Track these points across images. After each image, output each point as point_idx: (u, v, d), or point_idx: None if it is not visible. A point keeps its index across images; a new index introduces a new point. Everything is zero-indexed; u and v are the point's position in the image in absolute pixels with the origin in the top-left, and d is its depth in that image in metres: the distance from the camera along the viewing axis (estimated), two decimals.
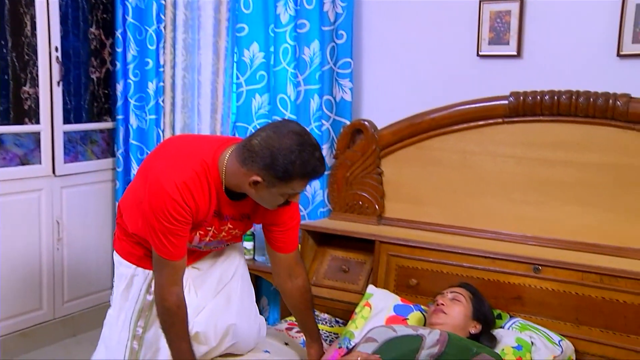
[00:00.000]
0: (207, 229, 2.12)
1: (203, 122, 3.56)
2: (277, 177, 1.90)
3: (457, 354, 2.03)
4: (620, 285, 2.32)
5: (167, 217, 1.98)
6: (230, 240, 2.27)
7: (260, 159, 1.90)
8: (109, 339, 2.32)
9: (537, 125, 2.63)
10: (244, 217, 2.18)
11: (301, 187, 1.97)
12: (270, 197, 1.99)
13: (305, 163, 1.89)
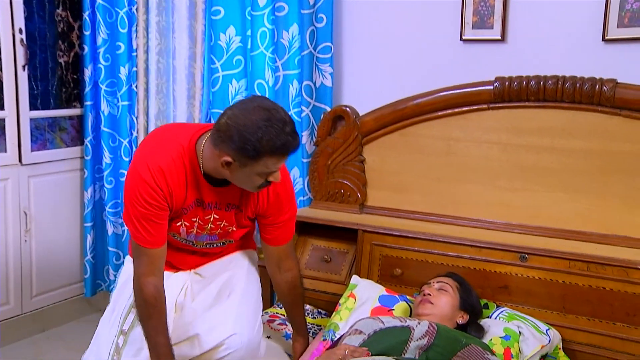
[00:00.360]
0: (192, 220, 2.10)
1: (179, 108, 3.48)
2: (247, 156, 1.86)
3: (446, 346, 2.01)
4: (607, 273, 2.33)
5: (140, 201, 1.98)
6: (226, 236, 2.21)
7: (227, 138, 1.86)
8: (101, 335, 2.26)
9: (522, 111, 2.61)
10: (231, 207, 2.14)
11: (274, 164, 1.92)
12: (246, 178, 1.95)
13: (274, 139, 1.84)
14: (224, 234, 2.20)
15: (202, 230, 2.14)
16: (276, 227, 2.23)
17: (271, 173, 1.95)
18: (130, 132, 3.58)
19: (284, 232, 2.25)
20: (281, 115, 1.88)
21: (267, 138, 1.83)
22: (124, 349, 2.17)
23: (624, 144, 2.45)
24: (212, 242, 2.23)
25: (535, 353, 2.22)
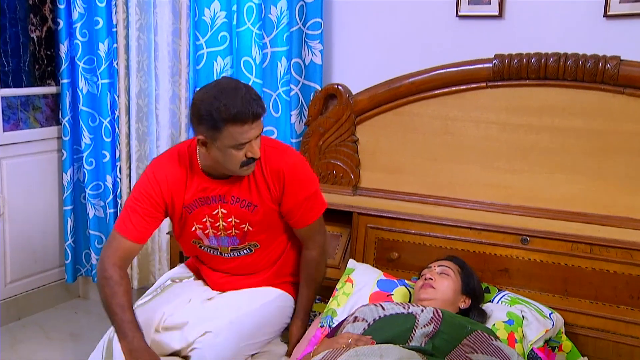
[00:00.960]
0: (202, 220, 2.20)
1: (161, 86, 3.37)
2: (211, 128, 1.99)
3: (452, 332, 1.97)
4: (610, 255, 2.31)
5: (137, 191, 2.18)
6: (246, 238, 2.26)
7: (194, 116, 2.04)
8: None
9: (522, 89, 2.57)
10: (237, 200, 2.18)
11: (240, 134, 1.99)
12: (223, 155, 2.05)
13: (227, 106, 1.95)
14: (243, 236, 2.24)
15: (217, 231, 2.22)
16: (295, 210, 2.26)
17: (243, 145, 2.02)
18: (111, 111, 3.47)
19: (303, 213, 2.27)
20: (234, 85, 2.02)
21: (223, 107, 1.95)
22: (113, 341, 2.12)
23: (627, 124, 2.43)
24: (237, 248, 2.28)
25: (539, 338, 2.20)
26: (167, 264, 3.48)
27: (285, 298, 2.41)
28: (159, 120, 3.40)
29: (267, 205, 2.21)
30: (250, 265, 2.34)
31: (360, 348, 1.86)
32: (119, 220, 2.17)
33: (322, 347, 2.01)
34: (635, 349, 2.29)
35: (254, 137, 2.04)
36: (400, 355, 1.81)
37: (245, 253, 2.30)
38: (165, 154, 2.28)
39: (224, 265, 2.34)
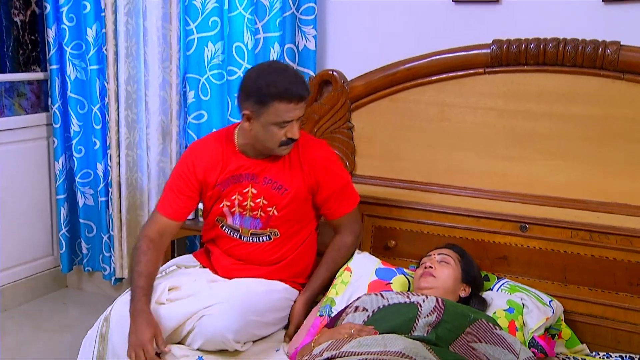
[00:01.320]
0: (231, 198, 2.30)
1: (151, 73, 3.32)
2: (257, 103, 2.13)
3: (454, 321, 1.97)
4: (610, 242, 2.32)
5: (173, 170, 2.39)
6: (269, 223, 2.32)
7: (242, 92, 2.19)
8: None
9: (520, 75, 2.55)
10: (269, 182, 2.28)
11: (285, 112, 2.13)
12: (265, 131, 2.17)
13: (277, 82, 2.11)
14: (267, 220, 2.31)
15: (243, 210, 2.30)
16: (332, 199, 2.37)
17: (286, 123, 2.15)
18: (101, 98, 3.42)
19: (340, 203, 2.39)
20: (284, 66, 2.26)
21: (272, 83, 2.10)
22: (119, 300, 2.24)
23: (626, 110, 2.42)
24: (257, 233, 2.34)
25: (540, 325, 2.21)
26: None
27: (292, 292, 2.41)
28: (149, 107, 3.36)
29: (297, 191, 2.30)
30: (265, 254, 2.37)
31: (363, 338, 1.86)
32: (159, 202, 2.37)
33: (324, 338, 2.00)
34: (633, 335, 2.31)
35: (296, 117, 2.17)
36: (405, 345, 1.80)
37: (264, 240, 2.35)
38: (202, 138, 2.50)
39: (240, 250, 2.37)
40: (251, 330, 2.23)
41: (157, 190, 3.40)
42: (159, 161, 3.39)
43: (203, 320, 2.16)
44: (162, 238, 2.31)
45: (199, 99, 3.29)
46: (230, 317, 2.14)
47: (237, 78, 3.12)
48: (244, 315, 2.18)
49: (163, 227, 2.32)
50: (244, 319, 2.18)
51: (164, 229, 2.32)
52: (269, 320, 2.31)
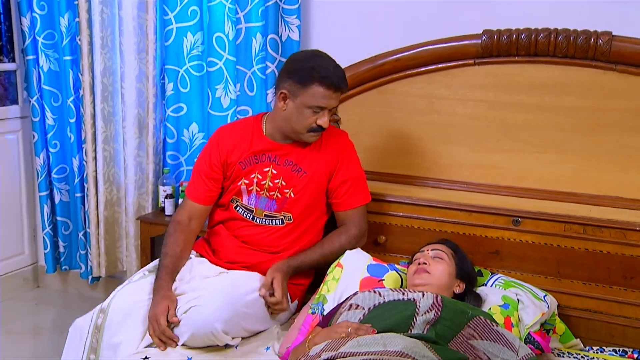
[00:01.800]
0: (250, 177, 2.36)
1: (127, 64, 3.24)
2: (297, 82, 2.22)
3: (453, 319, 1.94)
4: (604, 235, 2.31)
5: (202, 153, 2.46)
6: (284, 206, 2.36)
7: (283, 70, 2.30)
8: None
9: (511, 66, 2.54)
10: (289, 164, 2.35)
11: (322, 96, 2.21)
12: (297, 113, 2.25)
13: (321, 67, 2.20)
14: (282, 202, 2.35)
15: (261, 189, 2.36)
16: (343, 188, 2.41)
17: (319, 109, 2.23)
18: (75, 90, 3.32)
19: (350, 195, 2.43)
20: (329, 56, 2.29)
21: (317, 67, 2.20)
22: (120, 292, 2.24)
23: (618, 101, 2.42)
24: (271, 215, 2.38)
25: (536, 321, 2.19)
26: (134, 251, 3.37)
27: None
28: (125, 99, 3.27)
29: (315, 174, 2.36)
30: (273, 238, 2.38)
31: (362, 338, 1.81)
32: (188, 187, 2.46)
33: (319, 337, 1.95)
34: (627, 329, 2.31)
35: (330, 106, 2.25)
36: (405, 345, 1.76)
37: (276, 223, 2.38)
38: (230, 123, 2.62)
39: (249, 232, 2.39)
40: (240, 322, 2.18)
41: (134, 185, 3.32)
42: (135, 155, 3.31)
43: (191, 310, 2.13)
44: (191, 222, 2.40)
45: (178, 91, 3.22)
46: (219, 306, 2.10)
47: (217, 70, 3.06)
48: (234, 305, 2.14)
49: (192, 212, 2.41)
50: (234, 308, 2.13)
51: (192, 213, 2.41)
52: (259, 314, 2.27)
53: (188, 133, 3.26)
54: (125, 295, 2.23)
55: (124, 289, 2.26)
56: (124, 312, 2.18)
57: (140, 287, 2.28)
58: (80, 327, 2.23)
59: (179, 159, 3.31)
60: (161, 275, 2.26)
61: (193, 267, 2.38)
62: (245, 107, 3.09)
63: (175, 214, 2.45)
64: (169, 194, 3.13)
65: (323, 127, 2.28)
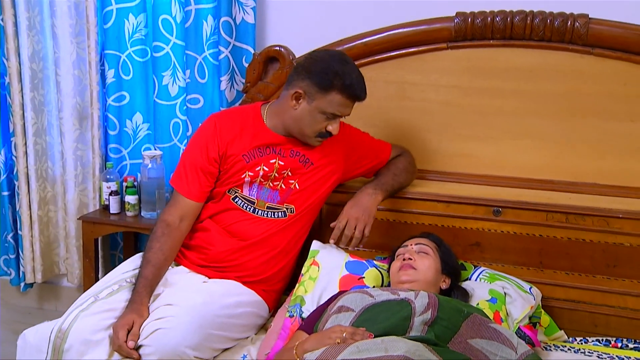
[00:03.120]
0: (256, 169, 2.26)
1: (62, 49, 3.02)
2: (318, 86, 2.13)
3: (450, 318, 1.88)
4: (586, 223, 2.31)
5: (196, 142, 2.29)
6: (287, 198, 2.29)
7: (304, 69, 2.18)
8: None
9: (486, 50, 2.50)
10: (296, 154, 2.28)
11: (340, 104, 2.16)
12: (310, 116, 2.18)
13: (345, 74, 2.13)
14: (286, 193, 2.27)
15: (265, 180, 2.26)
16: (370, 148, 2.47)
17: (333, 117, 2.18)
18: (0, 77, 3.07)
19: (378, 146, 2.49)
20: (353, 62, 2.21)
21: (340, 71, 2.12)
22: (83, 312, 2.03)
23: (595, 85, 2.43)
24: (273, 207, 2.28)
25: (525, 315, 2.17)
26: (76, 252, 3.17)
27: (263, 308, 2.30)
28: (61, 87, 3.06)
29: (323, 167, 2.32)
30: (271, 236, 2.28)
31: (361, 343, 1.73)
32: (175, 176, 2.30)
33: (310, 344, 1.85)
34: (611, 318, 2.32)
35: (345, 114, 2.21)
36: (407, 348, 1.69)
37: (278, 216, 2.29)
38: (220, 111, 2.52)
39: (247, 226, 2.28)
40: (212, 345, 2.06)
41: (74, 181, 3.12)
42: (75, 149, 3.10)
43: (158, 334, 1.97)
44: (181, 223, 2.24)
45: (120, 79, 3.05)
46: (189, 331, 1.96)
47: (164, 55, 2.91)
48: (204, 328, 2.00)
49: (184, 211, 2.25)
50: (204, 332, 2.00)
51: (185, 212, 2.25)
52: (233, 335, 2.16)
53: (131, 124, 3.09)
54: (88, 319, 2.02)
55: (89, 310, 2.04)
56: (87, 340, 1.98)
57: (107, 306, 2.07)
58: (32, 342, 2.04)
59: (122, 152, 3.13)
60: (138, 287, 2.11)
61: (167, 280, 2.22)
62: (196, 95, 2.94)
63: (164, 214, 2.26)
64: (113, 191, 2.95)
65: (332, 133, 2.23)
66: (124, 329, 1.99)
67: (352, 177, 2.48)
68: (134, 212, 2.93)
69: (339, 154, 2.38)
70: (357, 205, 2.28)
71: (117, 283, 2.19)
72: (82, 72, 3.05)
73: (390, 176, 2.42)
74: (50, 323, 2.05)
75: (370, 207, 2.29)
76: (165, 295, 2.14)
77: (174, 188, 2.30)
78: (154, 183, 2.88)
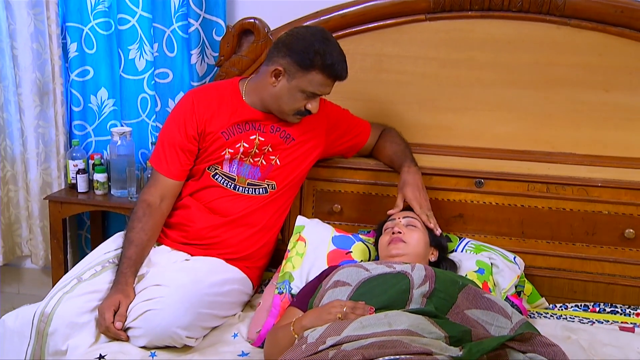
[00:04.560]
0: (236, 146, 2.21)
1: (18, 20, 2.86)
2: (299, 65, 2.08)
3: (447, 289, 1.87)
4: (566, 193, 2.33)
5: (175, 120, 2.23)
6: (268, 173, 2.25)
7: (285, 46, 2.12)
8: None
9: (464, 22, 2.49)
10: (277, 130, 2.23)
11: (320, 84, 2.11)
12: (289, 94, 2.13)
13: (327, 54, 2.07)
14: (267, 170, 2.24)
15: (246, 156, 2.22)
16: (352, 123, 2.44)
17: (313, 95, 2.13)
18: None
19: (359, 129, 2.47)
20: (335, 40, 2.15)
21: (321, 50, 2.06)
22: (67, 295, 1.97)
23: (571, 56, 2.44)
24: (254, 183, 2.25)
25: (512, 285, 2.19)
26: (40, 233, 3.04)
27: (247, 285, 2.26)
28: (18, 61, 2.90)
29: (304, 143, 2.28)
30: (252, 212, 2.25)
31: (364, 319, 1.70)
32: (154, 155, 2.23)
33: (308, 320, 1.82)
34: (588, 284, 2.37)
35: (325, 93, 2.17)
36: (410, 322, 1.68)
37: (260, 192, 2.26)
38: (197, 88, 2.40)
39: (228, 203, 2.24)
40: (203, 324, 2.03)
41: (37, 159, 2.98)
42: (37, 126, 2.96)
43: (148, 315, 1.93)
44: (162, 203, 2.19)
45: (83, 53, 2.92)
46: (180, 311, 1.92)
47: (130, 27, 2.81)
48: (195, 307, 1.97)
49: (165, 190, 2.20)
50: (195, 311, 1.97)
51: (165, 191, 2.20)
52: (221, 313, 2.12)
53: (96, 99, 2.97)
54: (73, 301, 1.96)
55: (73, 292, 1.98)
56: (72, 322, 1.93)
57: (91, 287, 2.02)
58: (12, 327, 1.97)
59: (87, 129, 3.01)
60: (122, 268, 2.06)
61: (150, 261, 2.16)
62: (165, 70, 2.84)
63: (144, 194, 2.20)
64: (81, 169, 2.83)
65: (312, 112, 2.18)
66: (110, 310, 1.94)
67: (333, 154, 2.44)
68: (103, 190, 2.83)
69: (321, 129, 2.33)
70: (411, 185, 2.23)
71: (99, 264, 2.12)
72: (41, 45, 2.90)
73: (404, 147, 2.42)
74: (31, 307, 1.98)
75: (421, 183, 2.26)
76: (151, 276, 2.08)
77: (154, 167, 2.24)
78: (123, 160, 2.77)
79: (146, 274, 2.11)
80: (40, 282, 3.25)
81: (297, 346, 1.71)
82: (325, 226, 2.33)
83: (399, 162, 2.33)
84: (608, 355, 2.00)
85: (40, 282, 3.25)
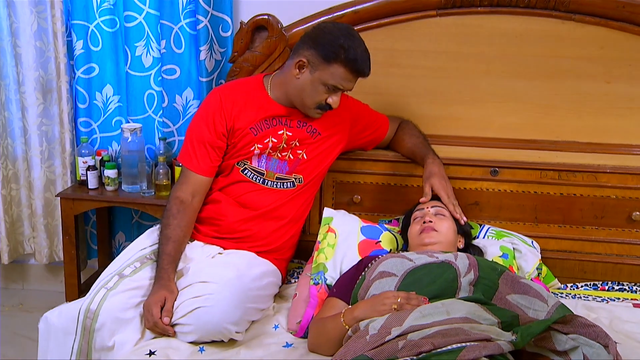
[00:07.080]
0: (264, 141, 2.13)
1: (21, 19, 2.69)
2: (321, 56, 2.01)
3: (489, 277, 1.84)
4: (577, 179, 2.33)
5: (203, 117, 2.13)
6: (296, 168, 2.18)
7: (310, 38, 2.06)
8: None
9: (473, 17, 2.45)
10: (304, 125, 2.16)
11: (342, 78, 2.03)
12: (311, 86, 2.05)
13: (351, 48, 2.00)
14: (294, 164, 2.17)
15: (274, 151, 2.14)
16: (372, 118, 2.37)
17: (335, 90, 2.05)
18: None
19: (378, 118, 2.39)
20: (360, 37, 2.06)
21: (347, 46, 1.99)
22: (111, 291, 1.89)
23: (574, 49, 2.43)
24: (282, 178, 2.17)
25: (535, 268, 2.17)
26: (44, 230, 2.88)
27: (278, 276, 2.19)
28: (22, 60, 2.74)
29: (330, 137, 2.22)
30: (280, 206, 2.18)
31: (423, 308, 1.66)
32: (183, 153, 2.15)
33: (361, 311, 1.75)
34: (597, 264, 2.38)
35: (347, 89, 2.08)
36: (467, 310, 1.64)
37: (287, 186, 2.18)
38: (223, 85, 2.31)
39: (257, 197, 2.16)
40: (249, 318, 1.98)
41: (40, 158, 2.81)
42: (40, 124, 2.79)
43: (199, 312, 1.85)
44: (194, 199, 2.11)
45: (89, 50, 2.76)
46: (230, 308, 1.86)
47: (137, 25, 2.68)
48: (243, 302, 1.91)
49: (196, 187, 2.11)
50: (243, 307, 1.91)
51: (196, 188, 2.11)
52: (261, 306, 2.05)
53: (101, 96, 2.82)
54: (117, 297, 1.88)
55: (117, 288, 1.90)
56: (118, 317, 1.85)
57: (133, 284, 1.94)
58: (57, 324, 1.87)
59: (92, 126, 2.85)
60: (163, 264, 1.98)
61: (186, 256, 2.07)
62: (172, 66, 2.71)
63: (176, 190, 2.11)
64: (91, 166, 2.68)
65: (332, 106, 2.09)
66: (157, 306, 1.87)
67: (354, 147, 2.37)
68: (114, 186, 2.69)
69: (345, 123, 2.26)
70: (437, 176, 2.17)
71: (138, 260, 2.04)
72: (44, 43, 2.73)
73: (423, 139, 2.36)
74: (74, 303, 1.89)
75: (444, 173, 2.21)
76: (193, 272, 1.99)
77: (183, 165, 2.15)
78: (134, 156, 2.64)
79: (184, 270, 2.02)
80: (44, 279, 3.09)
81: (358, 337, 1.64)
82: (352, 217, 2.27)
83: (421, 154, 2.28)
84: (631, 333, 2.00)
85: (44, 279, 3.09)
